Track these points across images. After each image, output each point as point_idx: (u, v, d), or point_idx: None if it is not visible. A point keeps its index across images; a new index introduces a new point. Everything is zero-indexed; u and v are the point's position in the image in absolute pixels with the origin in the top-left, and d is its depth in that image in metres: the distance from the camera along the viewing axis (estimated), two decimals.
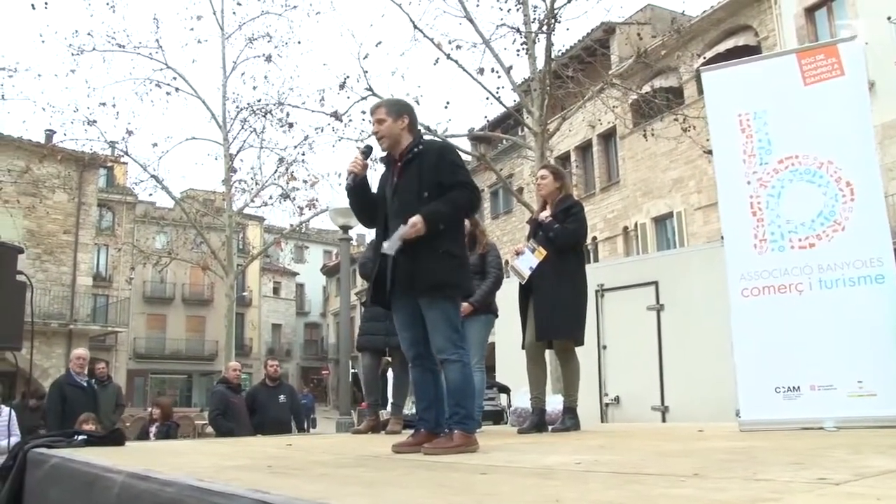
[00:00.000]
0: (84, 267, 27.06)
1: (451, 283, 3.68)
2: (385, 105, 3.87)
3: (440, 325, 3.61)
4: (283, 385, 9.75)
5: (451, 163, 3.73)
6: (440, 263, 3.61)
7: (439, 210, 3.58)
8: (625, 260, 16.41)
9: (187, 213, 18.37)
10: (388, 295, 3.75)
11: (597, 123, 19.79)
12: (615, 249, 23.00)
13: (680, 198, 20.62)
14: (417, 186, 3.64)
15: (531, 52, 12.01)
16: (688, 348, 8.25)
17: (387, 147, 3.81)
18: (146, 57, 17.63)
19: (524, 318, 5.38)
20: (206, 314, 43.56)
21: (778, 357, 4.15)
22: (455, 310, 3.73)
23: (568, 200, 5.41)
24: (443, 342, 3.61)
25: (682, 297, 8.50)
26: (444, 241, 3.65)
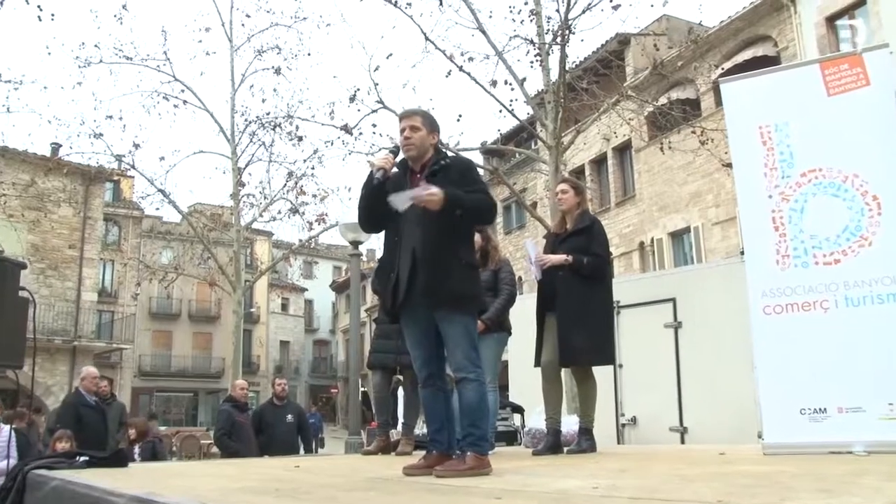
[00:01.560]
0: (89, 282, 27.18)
1: (473, 296, 3.66)
2: (422, 115, 3.86)
3: (461, 342, 3.57)
4: (291, 404, 9.71)
5: (473, 178, 3.75)
6: (462, 274, 3.59)
7: (462, 196, 3.53)
8: (641, 276, 16.32)
9: (194, 228, 18.44)
10: (400, 307, 3.70)
11: (612, 136, 19.77)
12: (631, 265, 22.89)
13: (697, 212, 20.52)
14: None
15: (545, 64, 12.02)
16: (707, 367, 8.16)
17: (413, 156, 3.78)
18: (154, 69, 17.81)
19: (540, 335, 5.35)
20: (213, 331, 43.66)
21: (803, 377, 4.08)
22: (474, 325, 3.70)
23: (586, 216, 5.42)
24: (462, 359, 3.57)
25: (700, 315, 8.42)
26: (465, 251, 3.65)
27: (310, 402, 44.07)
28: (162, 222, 33.55)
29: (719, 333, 7.97)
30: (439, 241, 3.54)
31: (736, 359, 7.04)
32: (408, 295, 3.63)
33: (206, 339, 43.98)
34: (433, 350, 3.70)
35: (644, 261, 22.60)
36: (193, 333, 43.95)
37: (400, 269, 3.66)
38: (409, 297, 3.63)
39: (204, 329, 44.02)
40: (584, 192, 5.56)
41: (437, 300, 3.55)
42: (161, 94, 17.67)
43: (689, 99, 19.78)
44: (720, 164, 13.22)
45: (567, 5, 11.43)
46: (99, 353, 28.76)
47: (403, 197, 3.48)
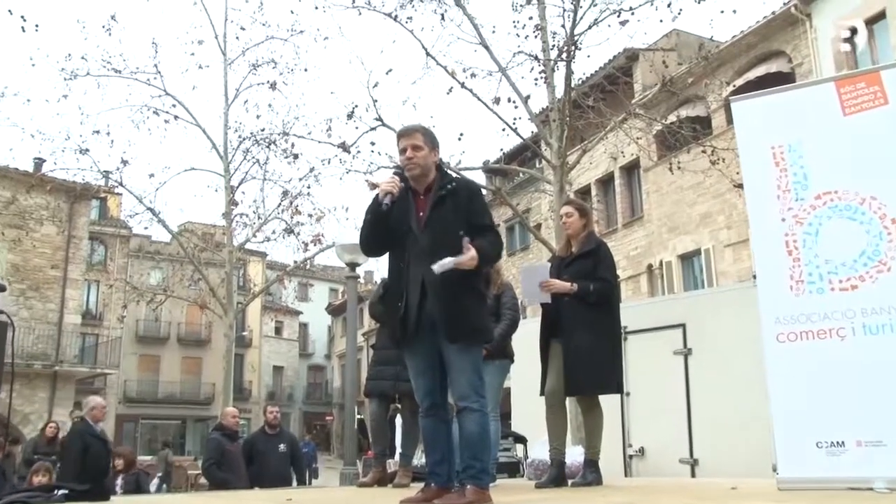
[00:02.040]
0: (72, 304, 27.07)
1: (486, 329, 3.75)
2: (423, 132, 3.86)
3: (468, 372, 3.61)
4: (284, 433, 9.67)
5: (481, 205, 3.80)
6: (475, 305, 3.66)
7: (487, 250, 3.65)
8: (649, 300, 16.30)
9: (185, 248, 18.46)
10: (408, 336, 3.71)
11: (619, 155, 19.83)
12: (639, 289, 22.88)
13: (708, 234, 20.54)
14: (453, 223, 3.66)
15: (550, 81, 12.08)
16: (718, 396, 8.13)
17: (416, 175, 3.80)
18: (143, 83, 17.85)
19: (545, 362, 5.35)
20: (203, 355, 43.54)
21: (819, 408, 4.05)
22: (481, 356, 3.74)
23: (592, 239, 5.44)
24: (467, 389, 3.60)
25: (711, 341, 8.40)
26: (478, 282, 3.71)
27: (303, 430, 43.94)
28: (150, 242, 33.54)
29: (731, 361, 7.94)
30: (455, 273, 3.57)
31: (749, 388, 7.01)
32: (417, 325, 3.65)
33: (196, 364, 43.85)
34: (438, 380, 3.73)
35: (652, 284, 22.58)
36: (182, 358, 43.83)
37: (409, 298, 3.67)
38: (418, 328, 3.65)
39: (193, 353, 43.91)
40: (589, 214, 5.58)
41: (455, 335, 3.58)
42: (151, 109, 17.76)
43: (699, 117, 19.84)
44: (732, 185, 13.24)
45: (573, 20, 11.51)
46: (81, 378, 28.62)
47: (445, 264, 3.53)
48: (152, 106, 17.79)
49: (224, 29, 18.58)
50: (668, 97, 15.72)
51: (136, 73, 17.70)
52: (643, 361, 8.88)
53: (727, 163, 12.26)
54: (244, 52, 18.46)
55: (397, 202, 3.77)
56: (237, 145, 18.19)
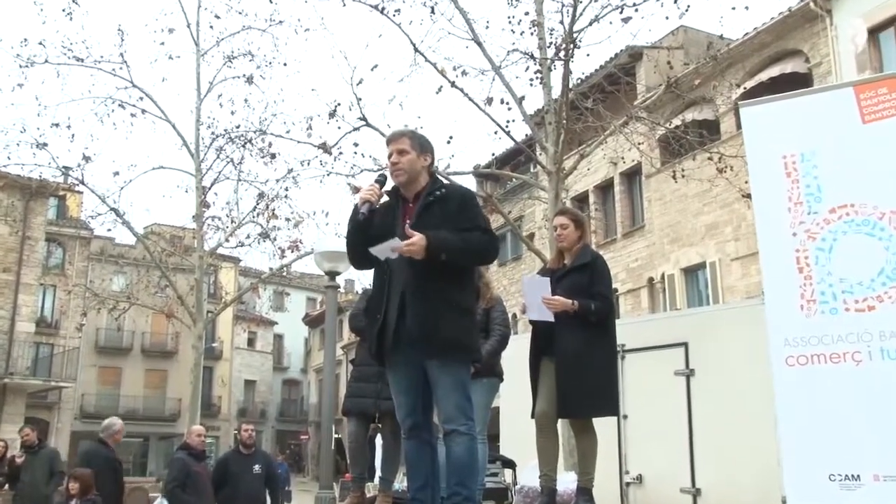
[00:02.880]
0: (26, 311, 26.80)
1: (469, 345, 3.69)
2: (410, 136, 3.89)
3: (452, 392, 3.61)
4: (259, 453, 9.65)
5: (473, 210, 3.78)
6: (458, 321, 3.62)
7: (447, 239, 3.57)
8: (650, 317, 16.33)
9: (151, 252, 18.34)
10: (387, 352, 3.72)
11: (619, 161, 19.91)
12: (638, 304, 22.92)
13: (714, 246, 20.60)
14: (437, 230, 3.63)
15: (546, 81, 12.09)
16: (723, 421, 8.12)
17: (403, 182, 3.82)
18: (108, 73, 17.74)
19: (535, 381, 5.34)
20: (169, 368, 43.31)
21: (832, 438, 4.05)
22: (468, 375, 3.74)
23: (587, 251, 5.45)
24: (453, 411, 3.60)
25: (716, 361, 8.40)
26: (459, 294, 3.67)
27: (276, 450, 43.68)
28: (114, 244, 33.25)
29: (738, 383, 7.94)
30: (433, 284, 3.57)
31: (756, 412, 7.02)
32: (395, 340, 3.65)
33: (161, 378, 43.61)
34: (420, 398, 3.72)
35: (653, 299, 22.62)
36: (146, 371, 43.57)
37: (388, 311, 3.68)
38: (397, 342, 3.65)
39: (158, 366, 43.67)
40: (584, 225, 5.58)
41: (430, 350, 3.57)
42: (116, 102, 17.65)
43: (706, 120, 19.90)
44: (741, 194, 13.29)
45: (572, 16, 11.53)
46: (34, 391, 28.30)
47: (384, 247, 3.54)
48: (118, 98, 17.70)
49: (197, 17, 18.53)
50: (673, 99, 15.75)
51: (99, 62, 17.60)
52: (642, 382, 8.87)
53: (735, 171, 12.30)
54: (218, 43, 18.42)
55: (386, 210, 3.81)
56: (210, 143, 18.14)
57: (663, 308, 21.36)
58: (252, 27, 18.16)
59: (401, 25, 12.46)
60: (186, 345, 29.99)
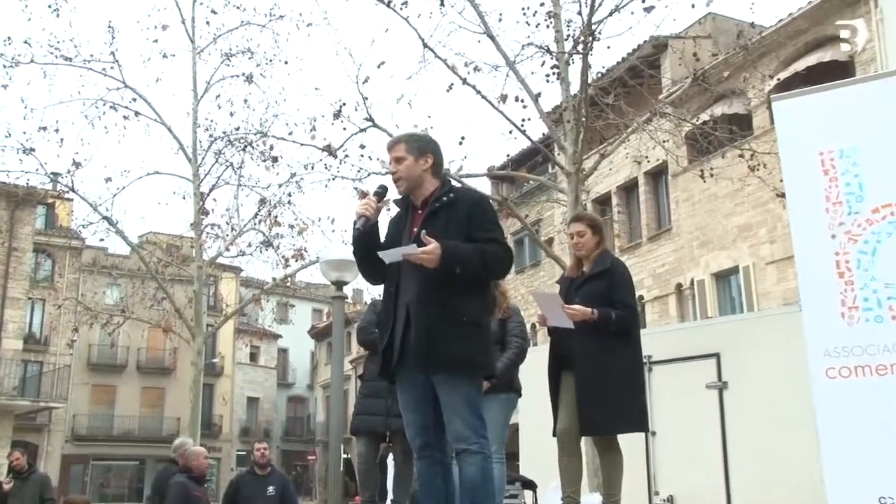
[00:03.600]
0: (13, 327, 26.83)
1: (476, 359, 3.69)
2: (405, 140, 3.92)
3: (460, 409, 3.62)
4: (275, 474, 9.72)
5: (485, 217, 3.79)
6: (464, 333, 3.62)
7: (463, 250, 3.60)
8: (678, 326, 16.27)
9: (146, 263, 18.41)
10: (394, 368, 3.77)
11: (643, 160, 19.83)
12: (666, 312, 22.84)
13: (747, 249, 20.50)
14: (443, 233, 3.67)
15: (564, 76, 12.09)
16: (760, 438, 8.10)
17: (405, 190, 3.88)
18: (98, 73, 17.80)
19: (556, 396, 5.35)
20: (167, 385, 43.47)
21: (881, 457, 4.00)
22: (478, 391, 3.74)
23: (606, 257, 5.46)
24: (462, 429, 3.60)
25: (750, 373, 8.38)
26: (469, 306, 3.67)
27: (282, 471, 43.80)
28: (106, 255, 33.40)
29: (775, 397, 7.92)
30: (437, 295, 3.60)
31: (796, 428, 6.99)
32: (402, 355, 3.69)
33: (158, 396, 43.76)
34: (430, 415, 3.73)
35: (682, 307, 22.54)
36: (142, 389, 43.73)
37: (395, 325, 3.73)
38: (404, 358, 3.69)
39: (155, 383, 43.82)
40: (602, 230, 5.60)
41: (432, 364, 3.60)
42: (108, 103, 17.69)
43: (736, 115, 19.80)
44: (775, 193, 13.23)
45: (591, 7, 11.51)
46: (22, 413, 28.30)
47: (395, 252, 3.60)
48: (109, 100, 17.74)
49: (192, 12, 18.57)
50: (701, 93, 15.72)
51: (89, 61, 17.64)
52: (671, 396, 8.85)
53: (769, 169, 12.24)
54: (215, 40, 18.48)
55: (398, 220, 3.89)
56: (208, 146, 18.19)
57: (693, 316, 21.28)
58: (251, 22, 18.25)
59: (408, 19, 12.50)
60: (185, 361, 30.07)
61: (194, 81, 18.51)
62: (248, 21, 18.22)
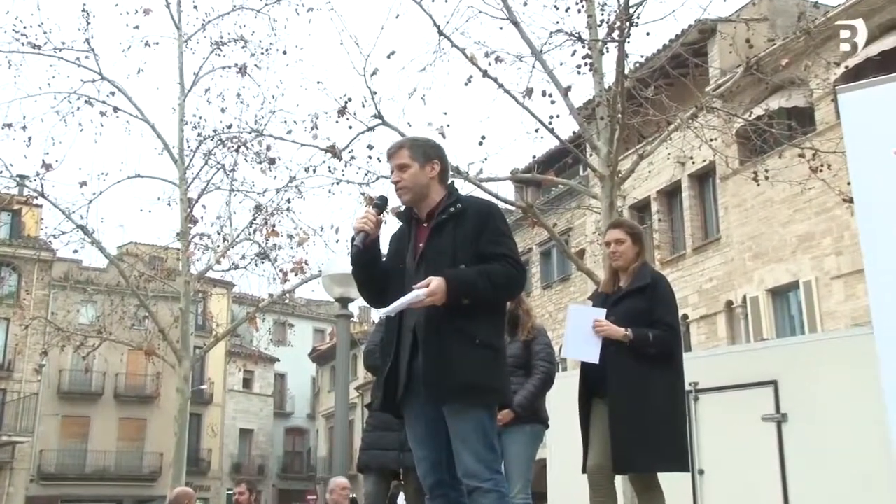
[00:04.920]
0: None
1: (489, 386, 3.71)
2: (409, 146, 3.96)
3: (471, 441, 3.64)
4: None
5: (496, 229, 3.81)
6: (475, 358, 3.65)
7: (469, 279, 3.66)
8: (729, 349, 16.18)
9: (126, 277, 18.48)
10: (400, 399, 3.80)
11: (687, 160, 19.80)
12: (714, 333, 22.76)
13: (809, 262, 20.41)
14: (451, 254, 3.73)
15: (597, 67, 12.10)
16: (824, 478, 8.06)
17: (409, 201, 3.91)
18: (72, 63, 17.90)
19: (586, 428, 5.35)
20: (148, 416, 43.53)
21: None
22: (491, 421, 3.76)
23: (646, 271, 5.46)
24: (473, 464, 3.63)
25: (813, 404, 8.35)
26: (481, 328, 3.70)
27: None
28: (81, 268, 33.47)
29: (842, 431, 7.88)
30: (446, 317, 3.65)
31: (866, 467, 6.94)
32: (407, 384, 3.74)
33: (138, 428, 43.82)
34: (444, 450, 3.76)
35: (732, 327, 22.46)
36: (120, 420, 43.76)
37: (399, 351, 3.79)
38: (411, 387, 3.74)
39: (135, 414, 43.88)
40: (643, 240, 5.61)
41: (442, 393, 3.65)
42: (82, 97, 17.79)
43: (796, 109, 19.67)
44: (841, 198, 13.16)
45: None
46: None
47: (401, 304, 3.66)
48: (83, 93, 17.84)
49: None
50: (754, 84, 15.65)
51: (60, 49, 17.71)
52: (721, 430, 8.83)
53: (834, 170, 12.18)
54: (204, 27, 18.63)
55: (400, 235, 3.96)
56: (196, 146, 18.33)
57: (745, 338, 21.18)
58: (244, 7, 18.36)
59: (422, 3, 12.56)
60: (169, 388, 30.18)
61: (181, 73, 18.68)
62: (241, 5, 18.34)
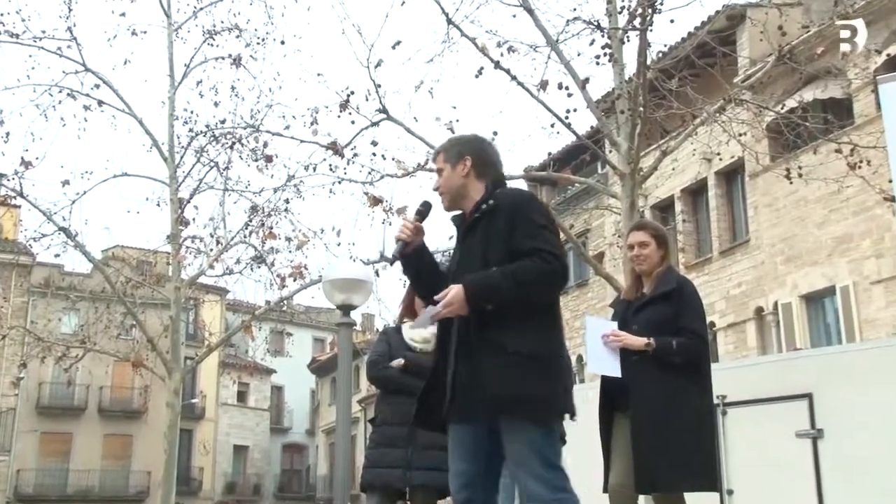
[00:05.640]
0: None
1: (534, 397, 3.70)
2: (444, 148, 4.13)
3: (526, 462, 3.70)
4: None
5: (527, 219, 3.83)
6: (511, 369, 3.67)
7: (490, 282, 3.69)
8: (759, 360, 16.13)
9: (112, 283, 18.47)
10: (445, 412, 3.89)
11: (714, 157, 19.77)
12: (744, 342, 22.72)
13: (847, 265, 20.34)
14: (482, 255, 3.80)
15: (617, 58, 12.10)
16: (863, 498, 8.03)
17: (448, 205, 4.07)
18: (53, 53, 17.89)
19: (607, 445, 5.37)
20: (135, 433, 43.58)
21: None
22: (547, 436, 3.77)
23: (671, 276, 5.47)
24: (535, 486, 3.68)
25: (852, 419, 8.32)
26: (512, 335, 3.71)
27: None
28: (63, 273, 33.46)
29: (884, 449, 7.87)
30: (481, 327, 3.71)
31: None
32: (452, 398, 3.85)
33: (124, 445, 43.85)
34: (482, 467, 3.85)
35: (763, 336, 22.42)
36: (105, 436, 43.77)
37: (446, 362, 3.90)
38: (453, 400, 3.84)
39: (121, 430, 43.91)
40: (668, 243, 5.63)
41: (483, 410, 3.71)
42: (64, 90, 17.82)
43: (833, 100, 19.61)
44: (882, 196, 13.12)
45: None
46: None
47: (423, 320, 3.90)
48: (66, 86, 17.86)
49: None
50: (787, 74, 15.61)
51: (41, 38, 17.70)
52: (751, 446, 8.82)
53: (874, 167, 12.15)
54: (196, 14, 18.65)
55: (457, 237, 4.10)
56: (188, 143, 18.35)
57: (777, 348, 21.13)
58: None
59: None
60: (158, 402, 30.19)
61: (171, 64, 18.70)
62: None
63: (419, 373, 5.99)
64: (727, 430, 9.02)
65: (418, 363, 6.00)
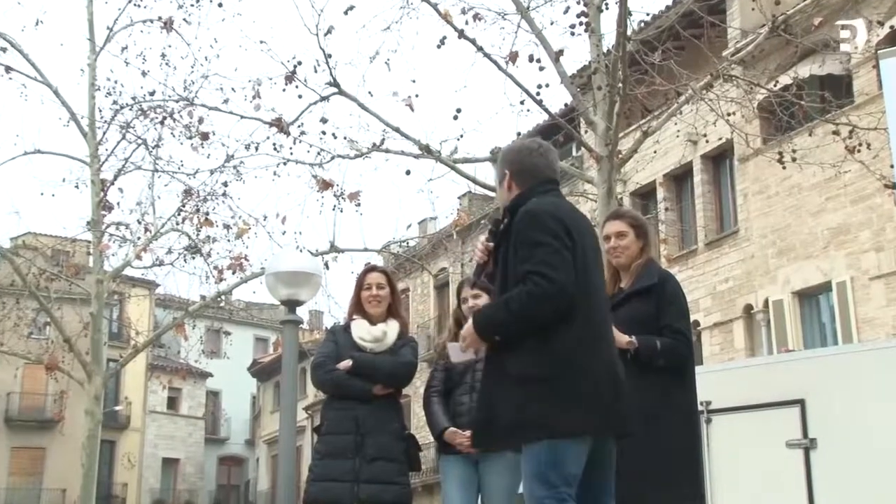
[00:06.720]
0: None
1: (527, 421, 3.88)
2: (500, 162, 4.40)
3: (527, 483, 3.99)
4: None
5: (524, 241, 4.02)
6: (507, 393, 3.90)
7: (489, 314, 4.10)
8: (747, 362, 16.26)
9: (23, 276, 18.32)
10: None
11: (700, 139, 19.88)
12: (730, 343, 22.90)
13: (844, 259, 20.52)
14: (501, 280, 4.12)
15: (594, 27, 12.13)
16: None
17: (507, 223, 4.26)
18: None
19: None
20: (48, 445, 43.26)
21: None
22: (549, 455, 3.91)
23: (652, 269, 5.53)
24: None
25: (848, 428, 8.40)
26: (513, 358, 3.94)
27: None
28: None
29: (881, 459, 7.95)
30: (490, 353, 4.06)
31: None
32: None
33: (35, 459, 43.56)
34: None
35: (752, 336, 22.60)
36: (12, 449, 43.46)
37: None
38: None
39: (31, 442, 43.61)
40: (649, 234, 5.68)
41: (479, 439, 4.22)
42: None
43: (830, 77, 19.73)
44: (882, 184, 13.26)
45: None
46: None
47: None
48: None
49: None
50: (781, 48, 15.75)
51: None
52: (738, 456, 8.88)
53: (875, 150, 12.26)
54: None
55: None
56: (111, 117, 18.25)
57: (768, 349, 21.30)
58: None
59: None
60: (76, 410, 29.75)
61: (91, 27, 18.59)
62: None
63: (369, 375, 6.00)
64: (711, 439, 9.06)
65: (368, 364, 6.00)
